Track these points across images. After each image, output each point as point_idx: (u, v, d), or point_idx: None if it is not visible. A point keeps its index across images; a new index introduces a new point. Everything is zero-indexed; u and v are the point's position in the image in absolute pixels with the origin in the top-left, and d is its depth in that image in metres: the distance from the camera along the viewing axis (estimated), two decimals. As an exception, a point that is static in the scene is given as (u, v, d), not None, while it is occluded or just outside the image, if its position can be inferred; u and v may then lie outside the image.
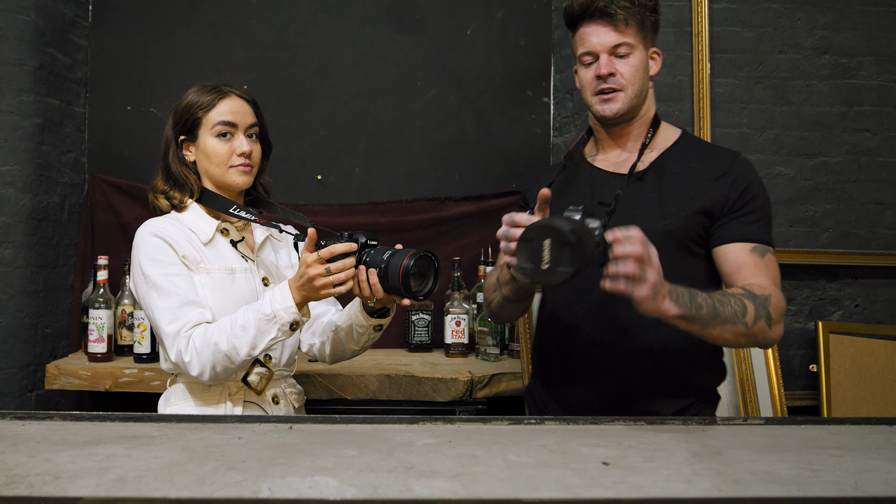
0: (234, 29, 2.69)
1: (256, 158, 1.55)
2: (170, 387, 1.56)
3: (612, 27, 1.40)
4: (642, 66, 1.42)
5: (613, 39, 1.40)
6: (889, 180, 2.50)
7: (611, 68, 1.41)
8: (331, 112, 2.72)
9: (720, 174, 1.40)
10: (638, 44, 1.41)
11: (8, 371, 2.28)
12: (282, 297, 1.39)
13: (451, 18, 2.75)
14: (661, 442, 0.99)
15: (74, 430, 0.99)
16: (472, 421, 1.10)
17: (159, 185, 1.56)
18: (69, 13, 2.52)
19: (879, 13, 2.49)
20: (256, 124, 1.55)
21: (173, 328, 1.40)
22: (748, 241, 1.37)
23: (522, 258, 1.09)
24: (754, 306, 1.26)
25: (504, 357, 2.43)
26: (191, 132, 1.53)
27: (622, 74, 1.41)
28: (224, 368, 1.39)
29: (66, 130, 2.51)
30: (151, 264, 1.44)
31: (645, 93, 1.46)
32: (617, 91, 1.42)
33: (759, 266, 1.35)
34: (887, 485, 0.80)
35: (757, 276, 1.34)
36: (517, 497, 0.74)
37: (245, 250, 1.57)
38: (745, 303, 1.25)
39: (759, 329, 1.26)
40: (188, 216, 1.53)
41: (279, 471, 0.81)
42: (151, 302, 1.43)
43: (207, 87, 1.53)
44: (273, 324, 1.38)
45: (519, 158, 2.78)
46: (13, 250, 2.29)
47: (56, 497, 0.72)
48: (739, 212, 1.39)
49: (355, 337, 1.54)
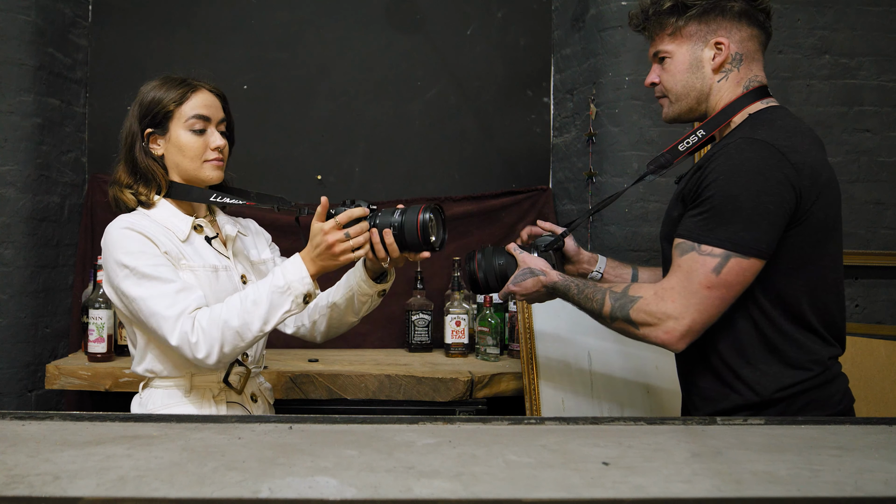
0: (234, 29, 2.69)
1: (226, 153, 1.52)
2: (143, 391, 1.49)
3: (649, 38, 1.45)
4: (682, 68, 1.40)
5: (652, 49, 1.45)
6: (889, 180, 2.50)
7: (653, 77, 1.45)
8: (331, 112, 2.72)
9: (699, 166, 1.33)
10: (677, 46, 1.40)
11: (8, 371, 2.28)
12: (294, 269, 1.36)
13: (451, 18, 2.75)
14: (661, 442, 0.99)
15: (74, 430, 0.99)
16: (472, 421, 1.10)
17: (123, 179, 1.49)
18: (69, 13, 2.52)
19: (879, 13, 2.49)
20: (225, 119, 1.52)
21: (174, 311, 1.33)
22: (679, 236, 1.30)
23: (465, 277, 1.57)
24: (612, 305, 1.33)
25: (504, 357, 2.43)
26: (160, 125, 1.46)
27: (663, 82, 1.44)
28: (233, 348, 1.34)
29: (66, 130, 2.51)
30: (134, 257, 1.36)
31: (702, 90, 1.40)
32: (663, 98, 1.45)
33: (674, 265, 1.29)
34: (887, 485, 0.80)
35: (669, 275, 1.29)
36: (517, 497, 0.74)
37: (219, 247, 1.53)
38: (607, 301, 1.35)
39: (622, 328, 1.33)
40: (160, 213, 1.47)
41: (279, 471, 0.81)
42: (141, 291, 1.35)
43: (176, 79, 1.49)
44: (287, 296, 1.35)
45: (519, 158, 2.78)
46: (13, 250, 2.29)
47: (56, 497, 0.72)
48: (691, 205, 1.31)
49: (356, 307, 1.53)
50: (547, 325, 2.24)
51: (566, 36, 2.71)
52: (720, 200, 1.24)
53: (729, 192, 1.23)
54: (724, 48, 1.37)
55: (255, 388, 1.56)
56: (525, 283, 1.49)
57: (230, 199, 1.47)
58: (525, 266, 1.51)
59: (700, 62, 1.39)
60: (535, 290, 1.49)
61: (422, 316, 2.52)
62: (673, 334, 1.27)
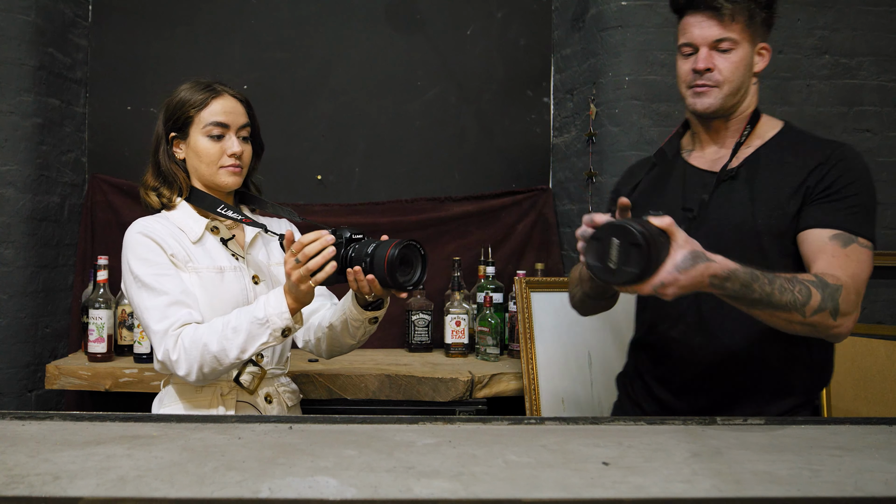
0: (234, 29, 2.69)
1: (246, 159, 1.54)
2: (163, 388, 1.56)
3: (718, 21, 1.34)
4: (744, 63, 1.37)
5: (716, 34, 1.35)
6: (889, 180, 2.50)
7: (709, 63, 1.36)
8: (331, 112, 2.72)
9: (818, 164, 1.33)
10: (743, 40, 1.36)
11: (8, 371, 2.28)
12: (276, 302, 1.38)
13: (451, 18, 2.75)
14: (661, 442, 0.99)
15: (74, 430, 0.99)
16: (472, 421, 1.10)
17: (150, 182, 1.56)
18: (69, 13, 2.52)
19: (879, 13, 2.49)
20: (248, 124, 1.54)
21: (161, 326, 1.40)
22: (831, 227, 1.28)
23: (591, 256, 1.10)
24: (822, 296, 1.19)
25: (504, 357, 2.43)
26: (182, 130, 1.51)
27: (720, 70, 1.36)
28: (212, 370, 1.39)
29: (66, 130, 2.51)
30: (140, 264, 1.44)
31: (745, 89, 1.40)
32: (711, 87, 1.37)
33: (839, 255, 1.26)
34: (887, 485, 0.80)
35: (833, 265, 1.25)
36: (517, 497, 0.74)
37: (235, 248, 1.56)
38: (812, 290, 1.18)
39: (820, 320, 1.19)
40: (177, 214, 1.53)
41: (279, 471, 0.81)
42: (140, 301, 1.43)
43: (201, 84, 1.52)
44: (265, 328, 1.37)
45: (519, 158, 2.78)
46: (13, 250, 2.29)
47: (56, 497, 0.72)
48: (829, 198, 1.30)
49: (351, 331, 1.53)
50: (547, 325, 2.24)
51: (566, 36, 2.72)
52: (867, 199, 1.31)
53: (870, 191, 1.32)
54: (767, 55, 1.41)
55: (271, 389, 1.56)
56: (693, 272, 1.09)
57: (233, 213, 1.51)
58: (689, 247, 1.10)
59: (750, 62, 1.39)
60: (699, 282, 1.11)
61: (422, 316, 2.52)
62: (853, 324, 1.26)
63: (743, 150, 1.42)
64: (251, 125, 1.55)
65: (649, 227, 1.06)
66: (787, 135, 1.43)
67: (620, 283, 1.08)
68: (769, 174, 1.38)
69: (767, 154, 1.40)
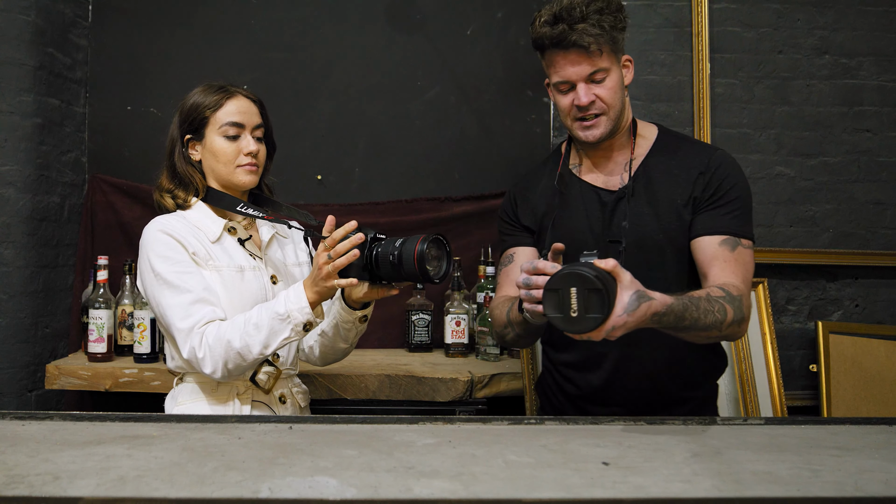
0: (234, 29, 2.69)
1: (262, 158, 1.56)
2: (176, 386, 1.56)
3: (586, 56, 1.35)
4: (619, 85, 1.41)
5: (589, 69, 1.37)
6: (889, 180, 2.50)
7: (590, 97, 1.38)
8: (331, 112, 2.72)
9: (699, 173, 1.42)
10: (612, 64, 1.38)
11: (8, 371, 2.28)
12: (296, 297, 1.39)
13: (451, 18, 2.75)
14: (661, 442, 0.99)
15: (74, 430, 0.99)
16: (472, 421, 1.10)
17: (165, 184, 1.57)
18: (69, 13, 2.52)
19: (879, 13, 2.49)
20: (262, 125, 1.56)
21: (186, 324, 1.40)
22: (718, 233, 1.38)
23: (550, 308, 1.09)
24: (733, 310, 1.29)
25: (504, 357, 2.43)
26: (197, 131, 1.53)
27: (602, 98, 1.39)
28: (236, 366, 1.40)
29: (66, 130, 2.51)
30: (162, 261, 1.44)
31: (624, 105, 1.45)
32: (599, 116, 1.40)
33: (729, 260, 1.36)
34: (887, 485, 0.80)
35: (727, 271, 1.35)
36: (517, 497, 0.74)
37: (252, 248, 1.57)
38: (727, 308, 1.28)
39: (732, 330, 1.31)
40: (194, 214, 1.54)
41: (279, 471, 0.81)
42: (162, 299, 1.43)
43: (214, 86, 1.54)
44: (286, 324, 1.38)
45: (519, 158, 2.78)
46: (13, 250, 2.29)
47: (56, 497, 0.72)
48: (714, 204, 1.40)
49: (343, 334, 1.54)
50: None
51: (566, 36, 2.71)
52: (745, 200, 1.41)
53: (747, 192, 1.42)
54: (631, 65, 1.45)
55: (285, 389, 1.57)
56: (637, 313, 1.10)
57: (254, 210, 1.52)
58: (634, 287, 1.11)
59: (622, 81, 1.43)
60: (643, 322, 1.13)
61: (422, 316, 2.52)
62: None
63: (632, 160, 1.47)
64: (265, 126, 1.57)
65: (599, 271, 1.07)
66: (663, 140, 1.49)
67: (584, 331, 1.07)
68: (661, 185, 1.44)
69: (654, 164, 1.46)
